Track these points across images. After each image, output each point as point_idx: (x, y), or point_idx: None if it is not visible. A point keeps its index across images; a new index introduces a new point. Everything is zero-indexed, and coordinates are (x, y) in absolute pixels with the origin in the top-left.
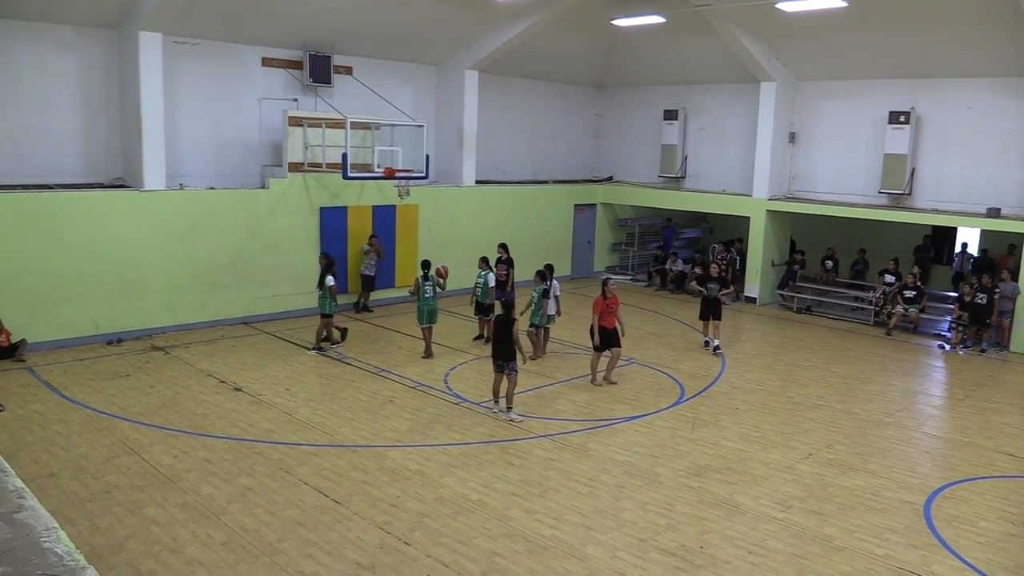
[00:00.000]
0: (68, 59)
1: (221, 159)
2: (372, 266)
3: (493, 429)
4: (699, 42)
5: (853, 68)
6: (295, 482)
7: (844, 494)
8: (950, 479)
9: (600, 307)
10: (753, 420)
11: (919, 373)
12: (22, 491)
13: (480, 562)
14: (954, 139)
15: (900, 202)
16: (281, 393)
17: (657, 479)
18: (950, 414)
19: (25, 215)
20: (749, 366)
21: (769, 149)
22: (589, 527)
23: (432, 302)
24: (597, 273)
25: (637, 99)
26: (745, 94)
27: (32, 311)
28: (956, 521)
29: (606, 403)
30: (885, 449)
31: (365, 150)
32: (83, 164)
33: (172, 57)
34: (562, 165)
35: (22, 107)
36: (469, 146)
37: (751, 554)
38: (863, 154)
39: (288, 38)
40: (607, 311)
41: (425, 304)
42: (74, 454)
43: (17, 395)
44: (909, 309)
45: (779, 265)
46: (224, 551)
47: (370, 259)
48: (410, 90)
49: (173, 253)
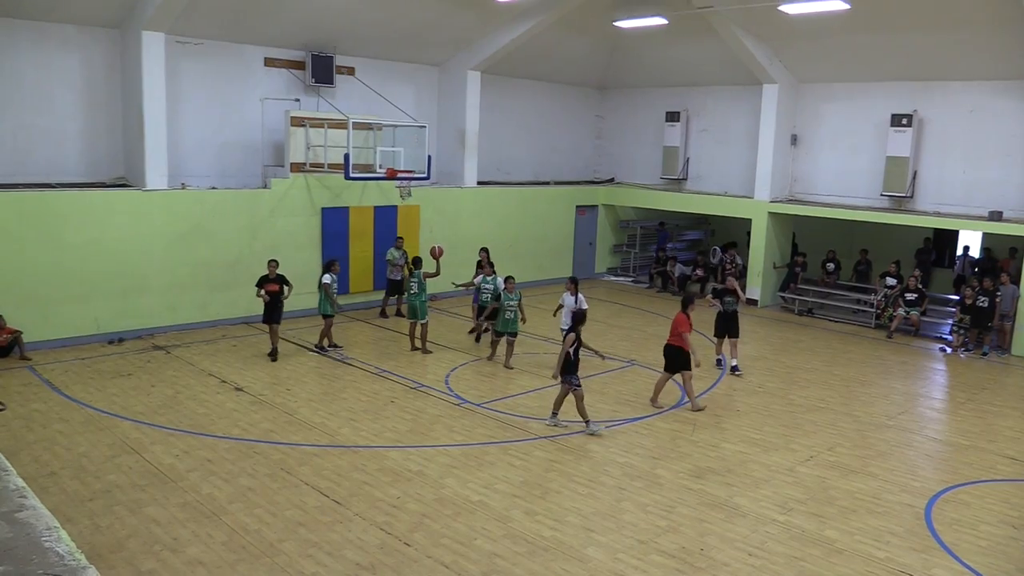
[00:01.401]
0: (71, 58)
1: (223, 159)
2: (399, 271)
3: (493, 430)
4: (701, 44)
5: (855, 70)
6: (296, 482)
7: (845, 497)
8: (951, 482)
9: (685, 326)
10: (754, 422)
11: (920, 376)
12: (23, 490)
13: (480, 563)
14: (956, 142)
15: (902, 205)
16: (282, 393)
17: (658, 481)
18: (951, 417)
19: (27, 214)
20: (750, 368)
21: (771, 151)
22: (590, 528)
23: (415, 299)
24: (598, 275)
25: (639, 101)
26: (747, 96)
27: (33, 310)
28: (957, 524)
29: (607, 405)
30: (886, 452)
31: (367, 151)
32: (85, 163)
33: (175, 57)
34: (564, 166)
35: (24, 106)
36: (471, 147)
37: (751, 556)
38: (865, 157)
39: (291, 38)
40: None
41: (409, 300)
42: (75, 453)
43: (18, 394)
44: (910, 312)
45: (780, 267)
46: (224, 551)
47: (398, 263)
48: (412, 91)
49: (175, 253)
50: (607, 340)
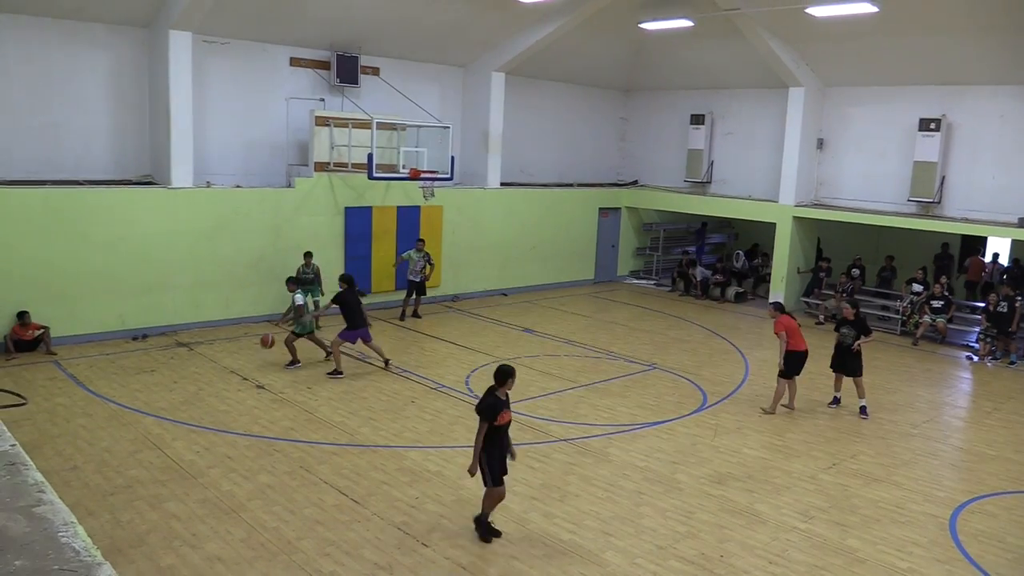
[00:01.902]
0: (99, 57)
1: (248, 158)
2: (419, 272)
3: (513, 432)
4: (727, 47)
5: (883, 74)
6: (315, 480)
7: (868, 505)
8: (976, 493)
9: (788, 325)
10: (776, 428)
11: (946, 384)
12: (42, 485)
13: (498, 565)
14: (986, 147)
15: (929, 210)
16: (303, 391)
17: (677, 486)
18: (977, 427)
19: (54, 210)
20: (772, 373)
21: (796, 155)
22: (608, 533)
23: None
24: (621, 277)
25: (664, 103)
26: (773, 99)
27: (60, 305)
28: (982, 536)
29: (627, 408)
30: (910, 461)
31: (391, 151)
32: (112, 161)
33: (201, 56)
34: (587, 168)
35: (53, 103)
36: (494, 148)
37: (772, 564)
38: (892, 161)
39: (316, 38)
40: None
41: None
42: (98, 448)
43: (43, 388)
44: (936, 319)
45: (805, 272)
46: (243, 548)
47: (417, 265)
48: (436, 91)
49: (199, 250)
50: (629, 344)
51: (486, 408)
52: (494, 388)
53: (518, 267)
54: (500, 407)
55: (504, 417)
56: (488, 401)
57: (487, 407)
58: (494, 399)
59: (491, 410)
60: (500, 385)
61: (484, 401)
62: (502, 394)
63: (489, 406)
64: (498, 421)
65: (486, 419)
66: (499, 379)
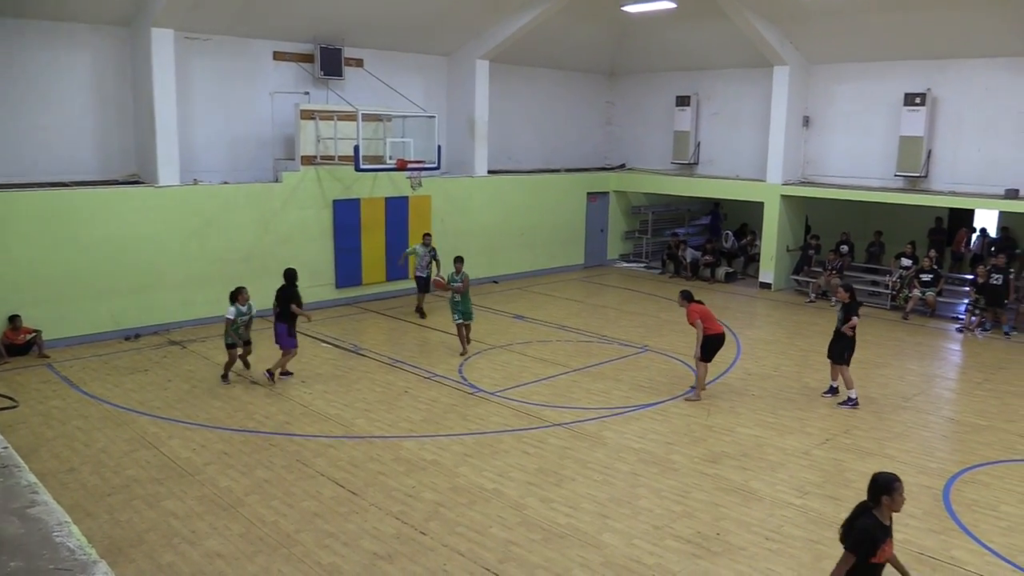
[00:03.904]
0: (81, 57)
1: (234, 154)
2: (425, 267)
3: (507, 419)
4: (711, 27)
5: (867, 50)
6: (312, 474)
7: (862, 479)
8: (969, 463)
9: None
10: (769, 406)
11: (936, 357)
12: (35, 486)
13: (496, 551)
14: (971, 120)
15: (916, 185)
16: (297, 385)
17: (673, 466)
18: (968, 398)
19: (41, 214)
20: (764, 352)
21: (783, 133)
22: (605, 515)
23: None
24: (611, 261)
25: (649, 86)
26: (758, 78)
27: (51, 308)
28: (976, 505)
29: (621, 391)
30: (903, 434)
31: (377, 142)
32: (98, 161)
33: (184, 53)
34: (574, 153)
35: (36, 106)
36: (481, 136)
37: (768, 540)
38: (878, 137)
39: (299, 32)
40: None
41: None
42: (94, 449)
43: (37, 391)
44: (926, 293)
45: (794, 250)
46: (242, 543)
47: (423, 260)
48: (421, 81)
49: (188, 248)
50: (621, 327)
51: (862, 537)
52: (869, 506)
53: (508, 254)
54: (881, 537)
55: (885, 552)
56: (863, 525)
57: (863, 535)
58: (873, 522)
59: (869, 542)
60: (876, 504)
61: (857, 524)
62: (885, 517)
63: (865, 533)
64: (876, 557)
65: (858, 553)
66: (875, 493)
